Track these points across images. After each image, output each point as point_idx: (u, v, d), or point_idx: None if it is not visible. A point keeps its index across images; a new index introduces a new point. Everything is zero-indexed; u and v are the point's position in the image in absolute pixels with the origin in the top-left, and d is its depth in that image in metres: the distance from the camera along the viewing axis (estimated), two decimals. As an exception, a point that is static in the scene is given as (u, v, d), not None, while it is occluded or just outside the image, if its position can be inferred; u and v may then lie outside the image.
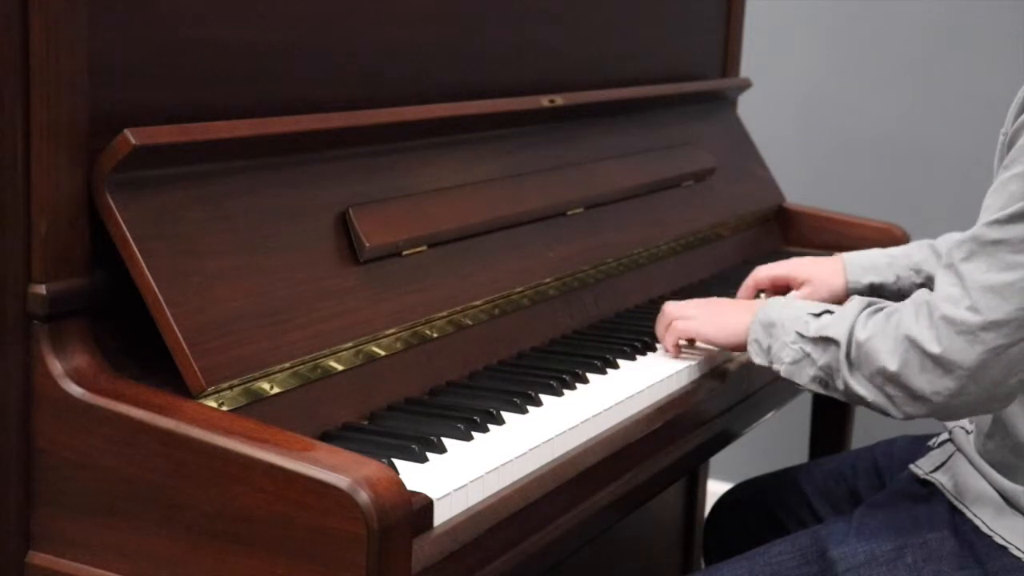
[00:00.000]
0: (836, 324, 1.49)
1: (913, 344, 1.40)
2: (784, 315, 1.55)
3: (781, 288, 1.95)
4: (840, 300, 1.94)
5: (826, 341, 1.49)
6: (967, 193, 2.82)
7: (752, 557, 1.56)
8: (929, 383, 1.39)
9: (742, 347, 1.62)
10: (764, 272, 1.96)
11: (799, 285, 1.94)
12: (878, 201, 2.84)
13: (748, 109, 2.57)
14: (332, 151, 1.48)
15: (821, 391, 1.52)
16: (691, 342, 1.71)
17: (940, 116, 2.88)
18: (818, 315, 1.52)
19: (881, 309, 1.48)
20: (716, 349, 1.71)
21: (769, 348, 1.56)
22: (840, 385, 1.48)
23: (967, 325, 1.36)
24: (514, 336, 1.67)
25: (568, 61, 1.99)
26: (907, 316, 1.42)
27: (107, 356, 1.24)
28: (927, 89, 2.89)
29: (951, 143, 2.87)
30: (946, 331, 1.37)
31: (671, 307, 1.70)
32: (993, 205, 1.39)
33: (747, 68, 2.58)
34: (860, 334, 1.45)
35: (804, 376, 1.52)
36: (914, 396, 1.41)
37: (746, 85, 2.50)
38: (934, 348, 1.38)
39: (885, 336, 1.43)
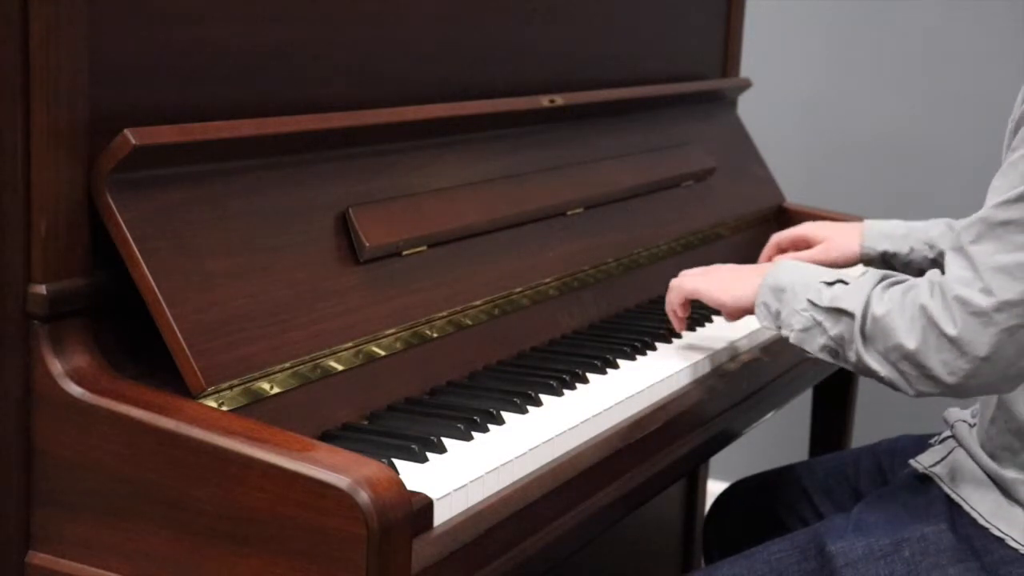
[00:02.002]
0: (851, 296, 1.48)
1: (930, 322, 1.40)
2: (795, 280, 1.55)
3: (801, 249, 1.98)
4: (853, 263, 1.96)
5: (839, 312, 1.48)
6: (967, 193, 2.82)
7: (751, 555, 1.57)
8: (944, 364, 1.39)
9: (749, 310, 1.62)
10: (784, 235, 1.99)
11: (816, 244, 1.96)
12: (878, 201, 2.84)
13: (748, 109, 2.57)
14: (332, 151, 1.48)
15: (830, 360, 1.52)
16: (690, 323, 1.71)
17: (940, 116, 2.88)
18: (830, 284, 1.52)
19: (897, 283, 1.48)
20: (725, 345, 1.71)
21: (778, 313, 1.56)
22: (852, 357, 1.48)
23: (980, 307, 1.36)
24: (514, 336, 1.67)
25: (568, 61, 1.99)
26: (923, 293, 1.42)
27: (107, 356, 1.24)
28: (927, 89, 2.89)
29: (951, 143, 2.87)
30: (960, 312, 1.38)
31: (680, 275, 1.71)
32: (1001, 187, 1.40)
33: (747, 68, 2.58)
34: (877, 308, 1.45)
35: (814, 344, 1.52)
36: (928, 375, 1.41)
37: (746, 85, 2.50)
38: (950, 329, 1.38)
39: (903, 313, 1.43)
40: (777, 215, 2.47)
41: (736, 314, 1.66)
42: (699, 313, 1.84)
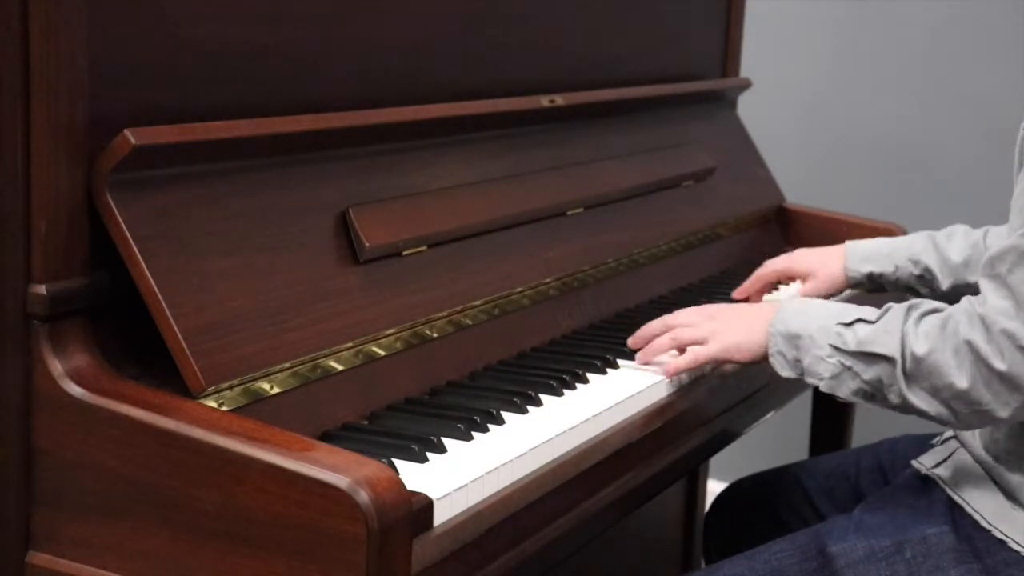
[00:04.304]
0: (881, 338, 1.44)
1: (978, 358, 1.38)
2: (808, 326, 1.50)
3: (785, 282, 1.97)
4: (841, 289, 1.95)
5: (872, 356, 1.45)
6: (967, 193, 2.83)
7: (752, 555, 1.56)
8: (996, 397, 1.38)
9: (762, 360, 1.57)
10: (769, 268, 1.97)
11: (802, 277, 1.95)
12: (878, 201, 2.84)
13: (748, 109, 2.57)
14: (332, 151, 1.48)
15: (864, 402, 1.49)
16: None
17: (940, 116, 2.88)
18: (849, 324, 1.48)
19: (925, 314, 1.45)
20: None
21: (798, 361, 1.51)
22: (894, 399, 1.45)
23: None
24: (514, 336, 1.66)
25: (568, 61, 1.99)
26: (964, 325, 1.39)
27: (107, 356, 1.24)
28: (927, 89, 2.89)
29: (951, 143, 2.87)
30: (1008, 346, 1.36)
31: (681, 319, 1.65)
32: None
33: (747, 68, 2.58)
34: (917, 347, 1.42)
35: (846, 389, 1.48)
36: (980, 410, 1.40)
37: (746, 85, 2.50)
38: (999, 365, 1.37)
39: (945, 349, 1.40)
40: (777, 215, 2.47)
41: (746, 364, 1.61)
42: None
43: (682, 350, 1.63)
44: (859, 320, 1.48)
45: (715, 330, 1.60)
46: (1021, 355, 1.36)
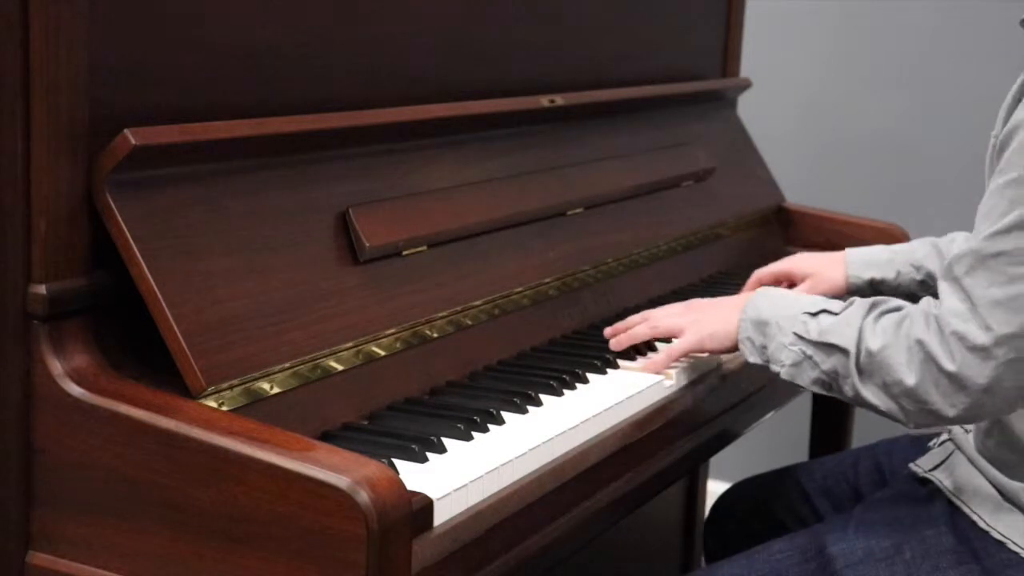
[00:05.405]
0: (840, 330, 1.46)
1: (928, 357, 1.39)
2: (777, 313, 1.53)
3: (784, 285, 1.96)
4: (841, 295, 1.94)
5: (830, 347, 1.47)
6: (967, 193, 2.82)
7: (751, 555, 1.57)
8: (944, 397, 1.39)
9: (732, 348, 1.60)
10: (767, 270, 1.97)
11: (801, 280, 1.95)
12: (878, 201, 2.84)
13: (748, 109, 2.57)
14: (332, 151, 1.49)
15: (823, 392, 1.51)
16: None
17: (940, 116, 2.88)
18: (814, 314, 1.50)
19: (886, 312, 1.46)
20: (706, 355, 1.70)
21: (764, 347, 1.54)
22: (848, 391, 1.47)
23: (979, 343, 1.35)
24: (514, 336, 1.67)
25: (568, 61, 1.99)
26: (918, 325, 1.41)
27: (107, 356, 1.24)
28: (927, 89, 2.89)
29: (951, 143, 2.87)
30: (958, 347, 1.37)
31: (661, 312, 1.69)
32: (990, 213, 1.38)
33: (747, 68, 2.58)
34: (871, 343, 1.43)
35: (806, 378, 1.51)
36: (928, 409, 1.41)
37: (746, 85, 2.50)
38: (948, 365, 1.37)
39: (898, 347, 1.41)
40: (777, 215, 2.47)
41: (719, 352, 1.64)
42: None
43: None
44: (824, 311, 1.50)
45: (692, 320, 1.64)
46: (972, 356, 1.36)
